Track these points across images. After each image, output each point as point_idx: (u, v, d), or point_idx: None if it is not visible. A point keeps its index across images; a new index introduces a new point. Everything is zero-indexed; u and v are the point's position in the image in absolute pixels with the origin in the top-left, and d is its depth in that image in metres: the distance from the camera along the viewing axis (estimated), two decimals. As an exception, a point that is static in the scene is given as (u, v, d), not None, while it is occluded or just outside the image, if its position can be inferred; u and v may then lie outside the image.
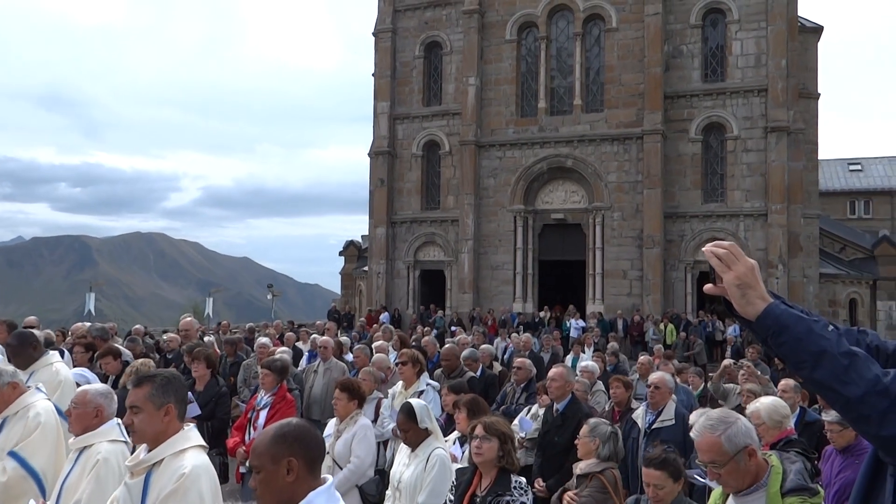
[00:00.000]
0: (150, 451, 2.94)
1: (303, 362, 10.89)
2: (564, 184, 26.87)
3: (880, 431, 1.59)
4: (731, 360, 10.29)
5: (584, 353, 14.38)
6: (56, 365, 5.38)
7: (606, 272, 25.60)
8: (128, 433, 3.45)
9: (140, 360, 7.90)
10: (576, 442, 4.84)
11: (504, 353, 15.84)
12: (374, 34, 29.78)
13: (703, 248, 1.83)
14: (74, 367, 7.14)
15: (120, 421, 3.56)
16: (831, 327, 1.70)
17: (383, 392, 7.36)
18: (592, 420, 4.94)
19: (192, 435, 3.02)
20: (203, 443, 3.08)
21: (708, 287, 1.83)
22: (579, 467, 4.63)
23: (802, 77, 26.10)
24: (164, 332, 16.03)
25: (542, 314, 24.50)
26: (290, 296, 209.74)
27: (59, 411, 4.38)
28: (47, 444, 3.97)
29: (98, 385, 3.90)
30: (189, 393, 6.24)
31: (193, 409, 6.21)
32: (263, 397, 6.35)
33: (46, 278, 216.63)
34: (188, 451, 2.95)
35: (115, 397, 3.79)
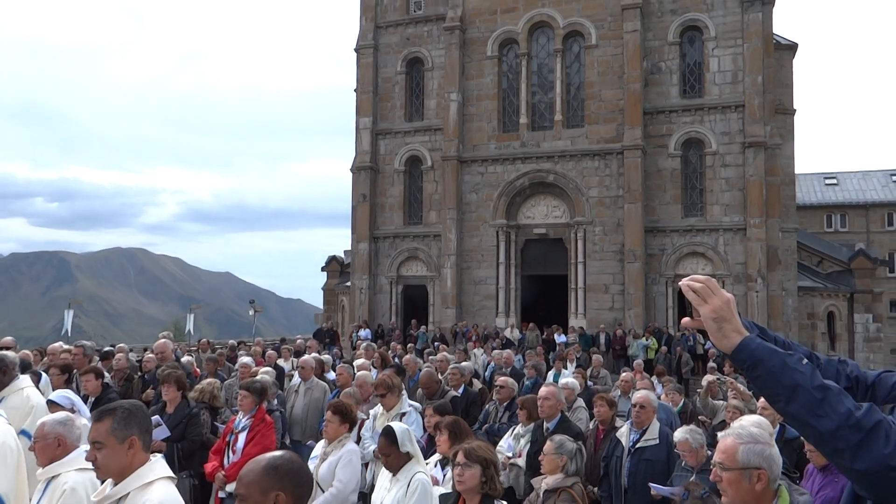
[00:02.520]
0: (115, 485, 2.88)
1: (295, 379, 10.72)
2: (546, 199, 27.02)
3: (854, 465, 1.61)
4: (715, 377, 10.35)
5: (565, 368, 14.38)
6: (27, 390, 5.28)
7: (588, 286, 25.71)
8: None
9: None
10: (540, 458, 4.87)
11: (485, 368, 15.82)
12: (355, 50, 29.87)
13: (680, 283, 1.85)
14: (53, 389, 7.04)
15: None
16: (805, 360, 1.72)
17: (364, 412, 7.31)
18: (557, 437, 4.98)
19: (157, 466, 2.96)
20: (171, 473, 3.02)
21: (685, 321, 1.85)
22: (546, 483, 4.67)
23: (778, 93, 26.53)
24: (145, 349, 15.83)
25: (514, 332, 24.14)
26: (272, 311, 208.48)
27: (29, 436, 4.30)
28: (7, 468, 3.90)
29: (56, 414, 3.82)
30: (157, 416, 6.18)
31: (162, 432, 6.15)
32: (242, 419, 6.27)
33: (24, 295, 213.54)
34: (155, 483, 2.89)
35: (78, 423, 3.71)
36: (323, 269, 36.13)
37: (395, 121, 29.28)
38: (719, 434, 2.98)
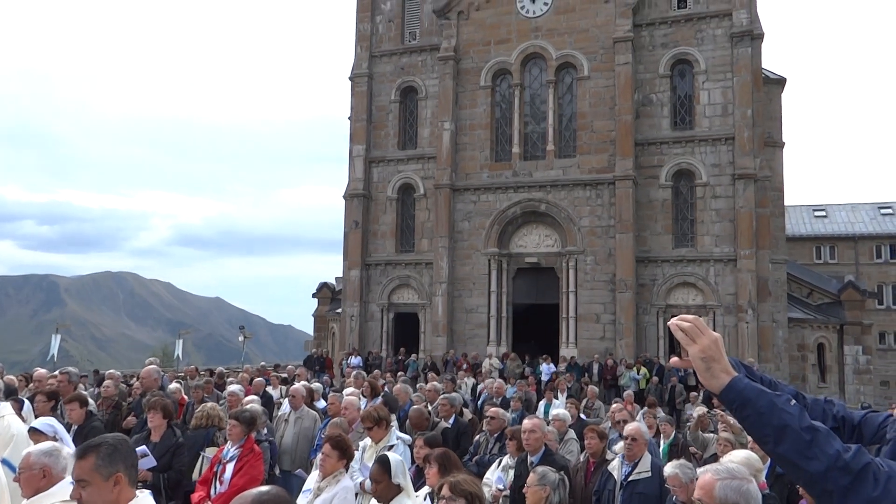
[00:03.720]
0: None
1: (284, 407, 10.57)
2: (538, 228, 27.12)
3: (842, 507, 1.61)
4: (705, 409, 10.32)
5: (556, 399, 14.32)
6: (8, 418, 5.21)
7: (580, 316, 25.71)
8: None
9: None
10: (524, 490, 4.83)
11: (478, 397, 15.73)
12: (350, 78, 30.13)
13: (669, 322, 1.87)
14: (37, 416, 6.95)
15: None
16: (793, 401, 1.73)
17: (354, 441, 7.24)
18: (540, 468, 4.95)
19: (145, 502, 2.92)
20: None
21: (674, 360, 1.86)
22: None
23: (768, 126, 26.87)
24: (133, 376, 15.67)
25: (494, 361, 23.89)
26: (262, 337, 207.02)
27: (10, 466, 4.24)
28: None
29: (42, 444, 3.77)
30: (143, 447, 6.10)
31: (148, 462, 6.06)
32: (230, 449, 6.21)
33: (12, 318, 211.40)
34: None
35: (64, 453, 3.66)
36: (314, 295, 36.02)
37: (389, 149, 29.46)
38: (699, 470, 2.98)
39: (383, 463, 4.40)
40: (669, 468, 5.32)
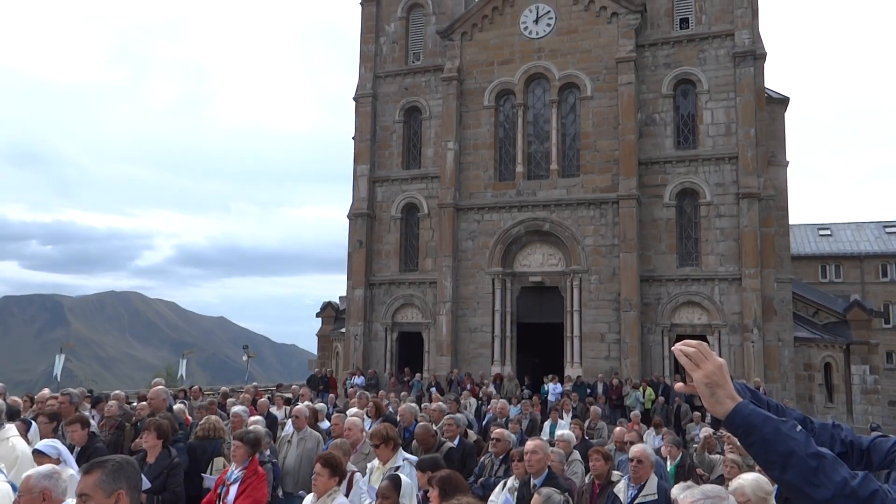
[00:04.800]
0: None
1: (287, 428, 10.54)
2: (542, 247, 27.11)
3: (850, 535, 1.60)
4: (712, 430, 10.24)
5: (562, 419, 14.22)
6: (13, 440, 5.22)
7: (584, 335, 25.62)
8: None
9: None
10: None
11: (483, 418, 15.64)
12: (354, 99, 30.33)
13: (673, 348, 1.87)
14: (41, 437, 6.94)
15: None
16: (799, 427, 1.72)
17: (353, 461, 7.20)
18: (544, 490, 4.91)
19: None
20: None
21: (679, 386, 1.85)
22: None
23: (771, 145, 26.91)
24: (141, 397, 15.60)
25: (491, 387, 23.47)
26: (266, 356, 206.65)
27: (14, 488, 4.23)
28: None
29: (42, 467, 3.77)
30: None
31: (142, 483, 6.01)
32: (234, 471, 6.18)
33: (17, 338, 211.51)
34: None
35: (64, 476, 3.67)
36: (318, 314, 36.02)
37: (393, 168, 29.57)
38: (673, 492, 2.95)
39: (395, 481, 4.38)
40: (676, 490, 5.27)
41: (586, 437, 11.25)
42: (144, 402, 10.16)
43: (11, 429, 5.41)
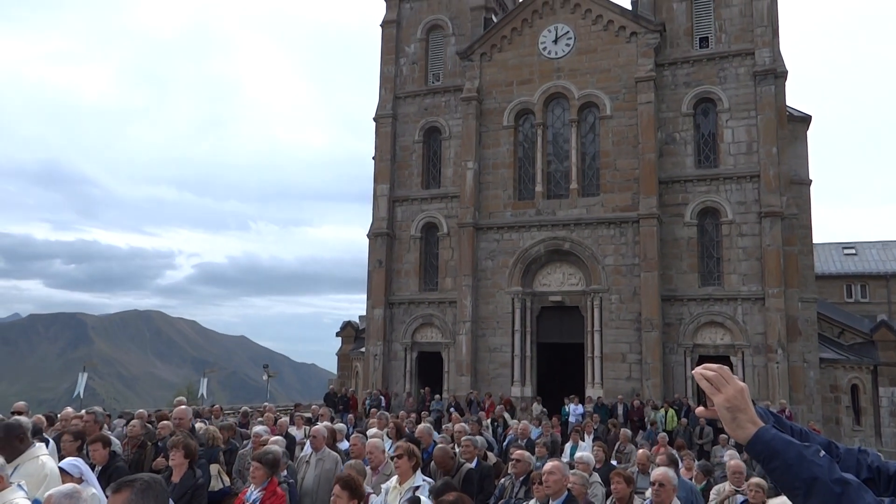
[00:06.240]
0: None
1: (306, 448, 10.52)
2: (562, 266, 27.01)
3: (876, 563, 1.56)
4: (736, 454, 10.06)
5: (583, 441, 14.06)
6: (42, 458, 5.27)
7: (605, 355, 25.40)
8: None
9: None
10: None
11: (503, 439, 15.52)
12: (374, 119, 30.59)
13: (693, 371, 1.85)
14: (62, 456, 6.99)
15: None
16: (823, 452, 1.69)
17: (372, 484, 7.17)
18: None
19: None
20: None
21: (699, 410, 1.84)
22: None
23: (793, 164, 26.67)
24: (158, 412, 15.70)
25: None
26: (286, 375, 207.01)
27: (37, 504, 4.27)
28: None
29: (63, 487, 3.81)
30: None
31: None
32: (253, 492, 6.18)
33: (41, 356, 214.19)
34: None
35: (85, 496, 3.70)
36: (338, 334, 36.11)
37: (413, 188, 29.72)
38: None
39: (416, 502, 4.36)
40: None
41: (612, 462, 11.07)
42: (167, 422, 10.18)
43: (41, 447, 5.46)
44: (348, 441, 10.15)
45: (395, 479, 6.58)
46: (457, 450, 8.90)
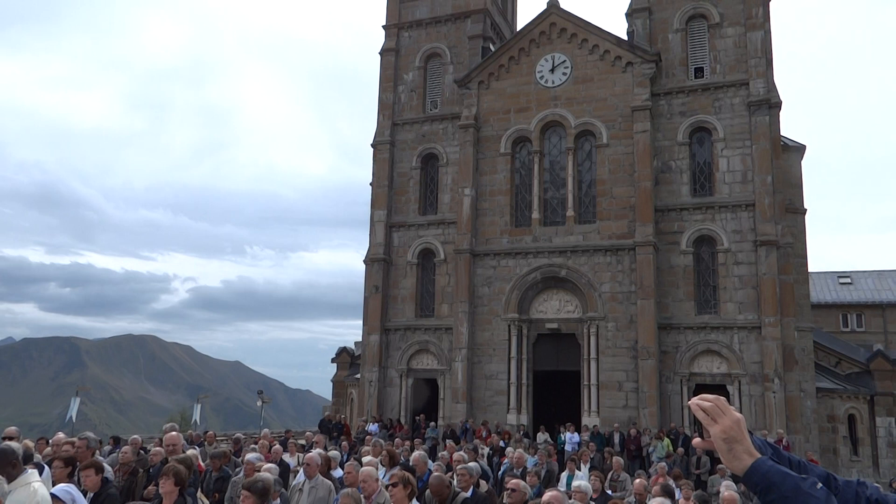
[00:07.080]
0: None
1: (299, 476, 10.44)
2: (558, 293, 27.00)
3: None
4: (733, 484, 9.98)
5: (579, 470, 13.94)
6: (34, 484, 5.23)
7: (602, 383, 25.29)
8: None
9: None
10: None
11: (499, 468, 15.38)
12: (372, 145, 30.77)
13: (690, 402, 1.85)
14: (54, 482, 6.90)
15: None
16: (820, 485, 1.69)
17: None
18: None
19: None
20: None
21: (696, 441, 1.83)
22: None
23: (788, 193, 26.83)
24: (157, 442, 15.50)
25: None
26: (280, 402, 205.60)
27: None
28: None
29: None
30: None
31: None
32: (245, 521, 6.08)
33: (33, 380, 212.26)
34: None
35: None
36: (333, 360, 35.91)
37: (410, 214, 29.80)
38: None
39: None
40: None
41: (607, 491, 10.99)
42: (159, 448, 10.07)
43: (34, 473, 5.41)
44: (342, 469, 10.05)
45: (389, 508, 6.50)
46: (454, 479, 8.81)
